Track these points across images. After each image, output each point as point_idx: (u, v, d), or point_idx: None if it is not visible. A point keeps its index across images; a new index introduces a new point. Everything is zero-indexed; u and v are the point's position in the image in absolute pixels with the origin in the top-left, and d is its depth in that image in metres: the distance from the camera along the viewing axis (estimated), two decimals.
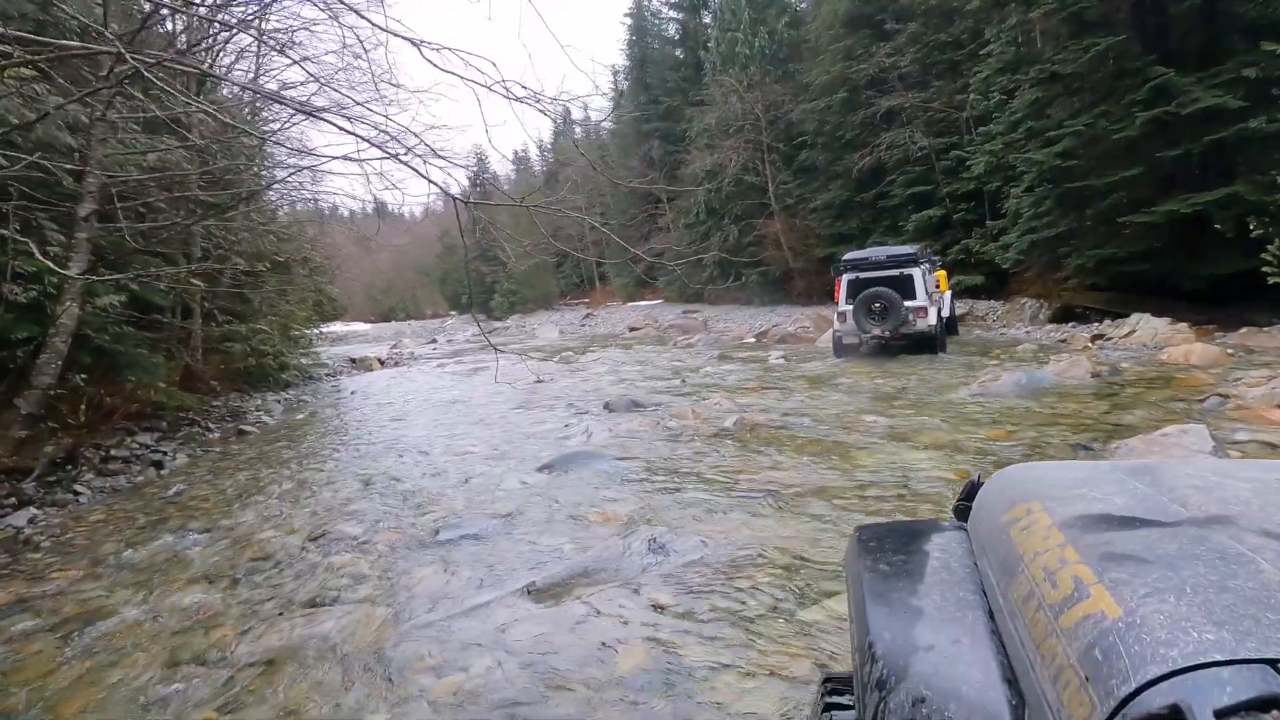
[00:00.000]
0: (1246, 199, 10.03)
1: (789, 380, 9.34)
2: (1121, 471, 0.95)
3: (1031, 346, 10.07)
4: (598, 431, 6.81)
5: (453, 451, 6.63)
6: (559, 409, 8.54)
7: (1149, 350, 9.10)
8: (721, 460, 5.42)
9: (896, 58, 19.58)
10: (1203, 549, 0.69)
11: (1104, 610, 0.63)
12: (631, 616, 2.88)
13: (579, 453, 5.88)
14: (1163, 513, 0.80)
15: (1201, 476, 0.90)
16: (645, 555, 3.43)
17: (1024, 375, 7.23)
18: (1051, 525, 0.82)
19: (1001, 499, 0.98)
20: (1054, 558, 0.75)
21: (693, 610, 2.89)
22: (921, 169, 19.72)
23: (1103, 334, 10.38)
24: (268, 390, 13.33)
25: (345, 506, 5.03)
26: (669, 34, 39.78)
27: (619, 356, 14.98)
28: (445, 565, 3.68)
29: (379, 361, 18.93)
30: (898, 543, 1.12)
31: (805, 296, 24.32)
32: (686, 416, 7.09)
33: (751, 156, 25.75)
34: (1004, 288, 17.77)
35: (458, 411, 9.21)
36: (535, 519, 4.34)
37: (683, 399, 8.50)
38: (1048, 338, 10.92)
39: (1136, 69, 11.07)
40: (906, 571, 1.03)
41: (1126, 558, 0.69)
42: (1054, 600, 0.70)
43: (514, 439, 6.97)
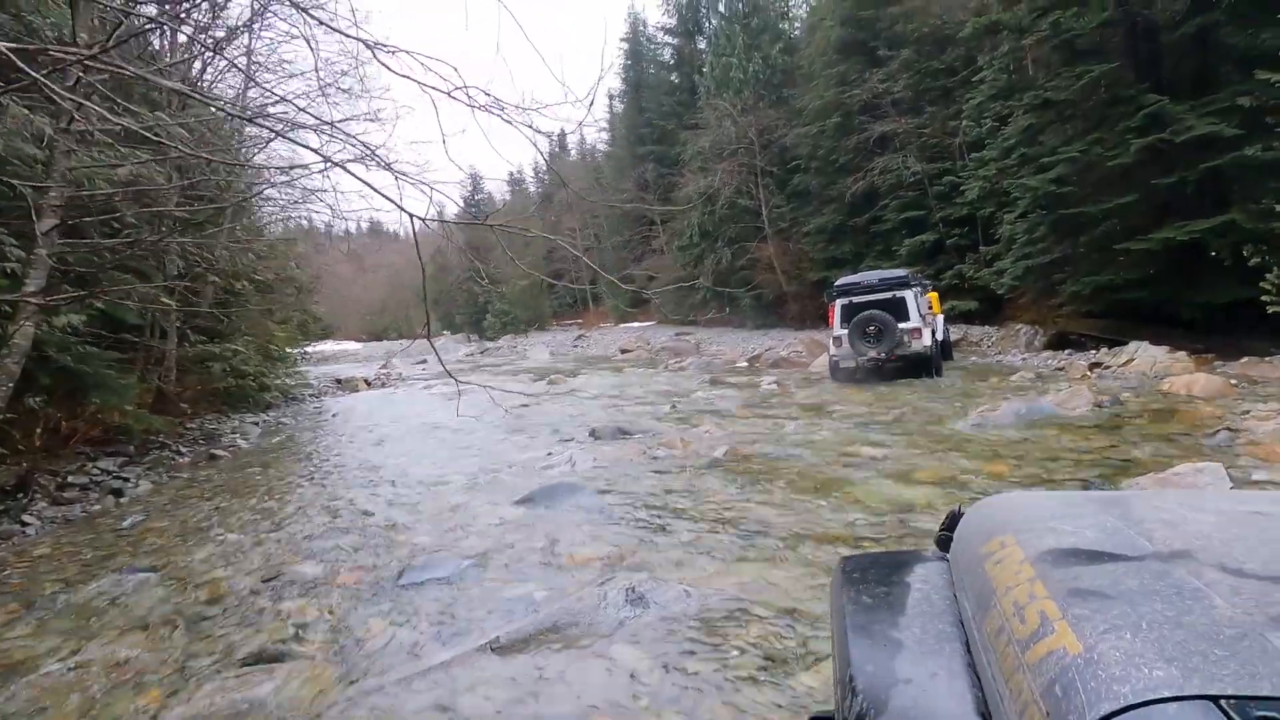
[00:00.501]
0: (1243, 227, 9.93)
1: (782, 407, 9.08)
2: (1095, 503, 0.96)
3: (1029, 374, 9.86)
4: (582, 460, 6.52)
5: (429, 481, 6.31)
6: (544, 435, 8.25)
7: (1149, 380, 8.90)
8: (710, 495, 5.14)
9: (890, 83, 19.66)
10: (1162, 584, 0.70)
11: (1066, 646, 0.64)
12: (602, 681, 2.58)
13: (560, 484, 5.58)
14: (1129, 547, 0.80)
15: (1170, 509, 0.91)
16: (622, 607, 3.13)
17: (1023, 405, 6.99)
18: (1024, 559, 0.82)
19: (980, 531, 0.99)
20: (1024, 592, 0.76)
21: (672, 675, 2.60)
22: (915, 194, 19.71)
23: (1100, 362, 10.19)
24: (247, 412, 12.98)
25: (308, 542, 4.71)
26: (664, 59, 40.14)
27: (609, 380, 14.71)
28: (405, 614, 3.37)
29: (365, 382, 18.59)
30: (881, 574, 1.13)
31: (798, 320, 24.19)
32: (675, 445, 6.81)
33: (745, 180, 25.76)
34: (998, 313, 17.66)
35: (440, 437, 8.90)
36: (508, 560, 4.03)
37: (672, 426, 8.23)
38: (1044, 365, 10.73)
39: (1130, 96, 11.04)
40: (888, 604, 1.03)
41: (1091, 593, 0.70)
42: (1022, 635, 0.71)
43: (495, 468, 6.67)
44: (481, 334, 46.31)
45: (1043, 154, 12.38)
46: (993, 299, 17.56)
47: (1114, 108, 11.30)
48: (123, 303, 7.26)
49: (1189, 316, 11.36)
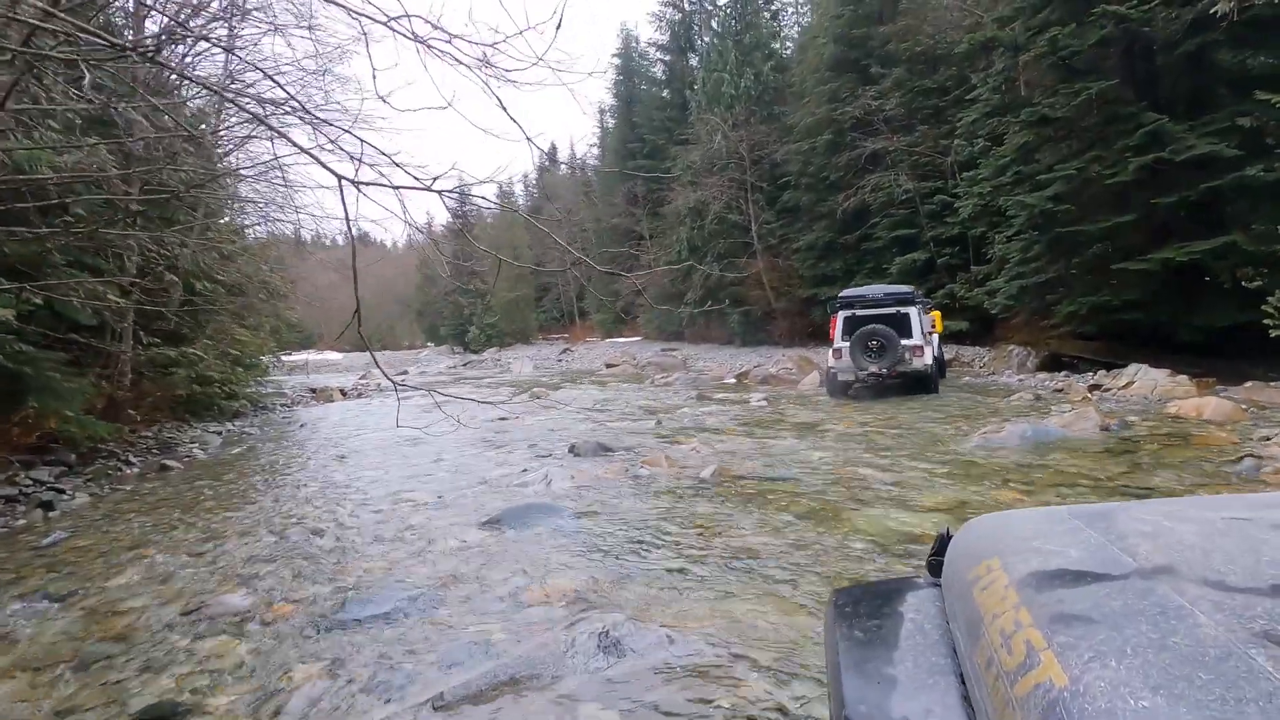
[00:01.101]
0: (1244, 249, 9.72)
1: (772, 425, 8.66)
2: (1079, 519, 0.93)
3: (1027, 396, 9.52)
4: (558, 479, 6.04)
5: (392, 498, 5.80)
6: (520, 450, 7.76)
7: (1150, 403, 8.59)
8: (695, 520, 4.68)
9: (882, 101, 19.53)
10: (1145, 604, 0.68)
11: (1052, 678, 0.62)
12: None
13: (532, 505, 5.10)
14: (1112, 564, 0.78)
15: (1152, 521, 0.89)
16: (593, 655, 2.66)
17: (1029, 427, 6.62)
18: (1008, 584, 0.81)
19: (967, 554, 0.97)
20: (1009, 620, 0.75)
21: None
22: (906, 212, 19.53)
23: (1100, 384, 9.88)
24: (212, 420, 12.37)
25: (245, 566, 4.19)
26: (656, 75, 40.14)
27: (593, 394, 14.24)
28: (339, 659, 2.87)
29: (340, 392, 17.98)
30: (873, 606, 1.10)
31: (787, 338, 23.88)
32: (659, 464, 6.35)
33: (735, 195, 25.55)
34: (989, 334, 17.42)
35: (411, 450, 8.38)
36: (465, 593, 3.54)
37: (656, 443, 7.77)
38: (1043, 387, 10.41)
39: (1129, 114, 10.85)
40: (881, 637, 1.00)
41: (1075, 618, 0.69)
42: (1010, 668, 0.69)
43: (465, 485, 6.17)
44: (466, 346, 45.66)
45: (1039, 171, 12.18)
46: (984, 319, 17.33)
47: (1112, 125, 11.12)
48: (67, 299, 6.72)
49: (1187, 339, 11.12)
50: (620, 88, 42.48)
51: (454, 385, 19.84)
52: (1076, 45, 11.28)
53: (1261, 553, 0.75)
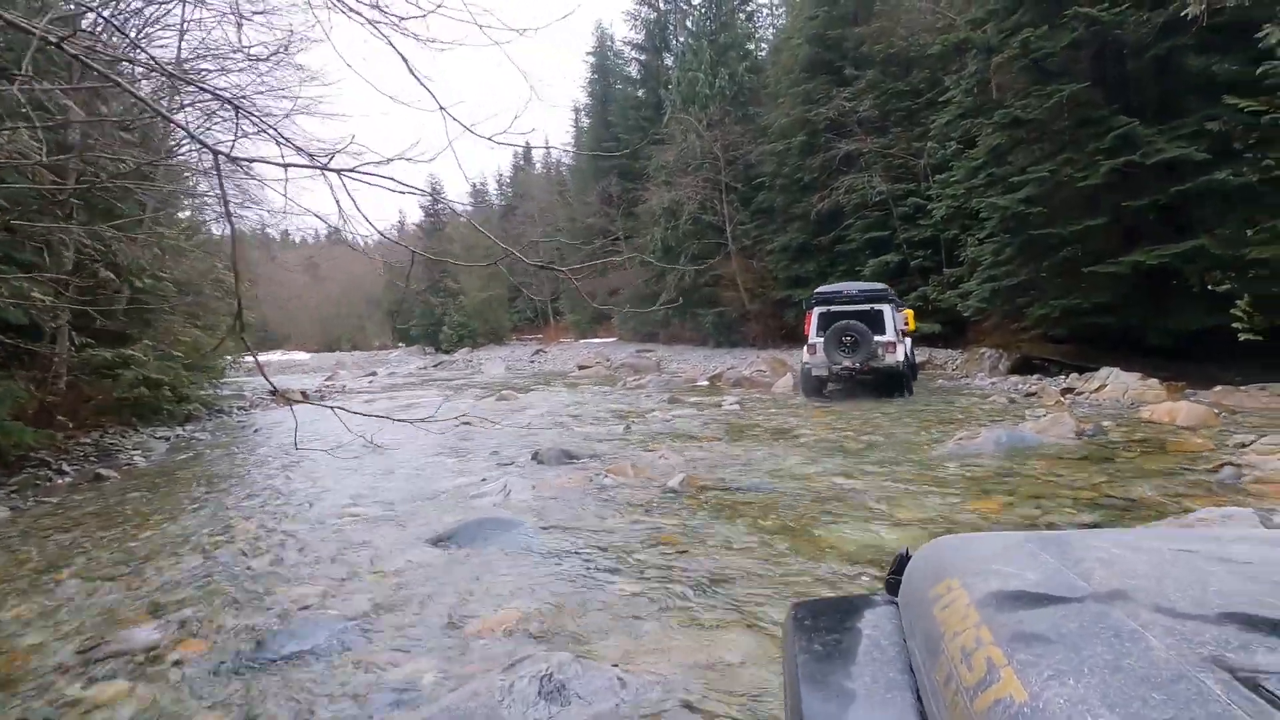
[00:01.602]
0: (1212, 253, 9.73)
1: (745, 430, 8.42)
2: (1034, 543, 0.96)
3: (1001, 399, 9.42)
4: (519, 489, 5.71)
5: (340, 512, 5.43)
6: (482, 458, 7.41)
7: (1123, 407, 8.52)
8: (660, 536, 4.39)
9: (856, 102, 19.49)
10: (1101, 627, 0.70)
11: (1012, 694, 0.63)
12: None
13: (487, 519, 4.77)
14: (1069, 588, 0.80)
15: (1105, 549, 0.91)
16: (533, 703, 2.35)
17: (1004, 433, 6.45)
18: (969, 603, 0.81)
19: (927, 574, 0.98)
20: (970, 638, 0.75)
21: None
22: (879, 214, 19.51)
23: (1072, 388, 9.82)
24: (161, 425, 11.78)
25: (163, 593, 3.81)
26: (631, 74, 39.87)
27: (563, 397, 13.90)
28: (247, 707, 2.53)
29: (302, 394, 17.35)
30: (832, 620, 1.10)
31: (761, 339, 23.76)
32: (625, 473, 6.05)
33: (710, 196, 25.37)
34: (961, 336, 17.45)
35: (367, 458, 7.97)
36: (403, 623, 3.21)
37: (624, 449, 7.48)
38: (1015, 390, 10.33)
39: (1100, 117, 10.84)
40: (840, 651, 1.00)
41: (1034, 638, 0.70)
42: (970, 683, 0.70)
43: (419, 496, 5.82)
44: (438, 347, 44.92)
45: (1011, 173, 12.14)
46: (956, 322, 17.35)
47: (1083, 128, 11.10)
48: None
49: (1156, 343, 11.15)
50: (595, 86, 42.17)
51: (422, 388, 19.35)
52: (1049, 47, 11.25)
53: (1208, 583, 0.78)
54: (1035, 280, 12.74)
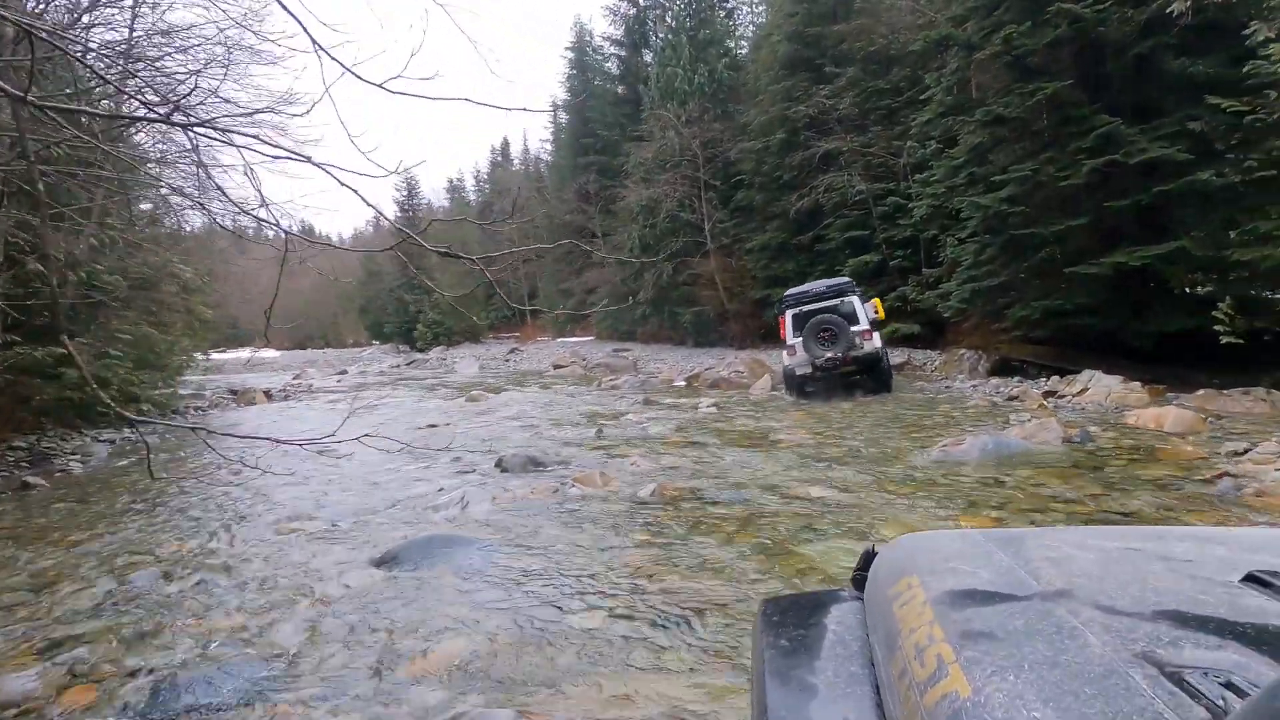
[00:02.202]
0: (1193, 254, 9.59)
1: (721, 434, 8.08)
2: (993, 542, 0.98)
3: (983, 404, 9.20)
4: (477, 500, 5.31)
5: (281, 526, 4.99)
6: (443, 464, 6.98)
7: (1107, 411, 8.33)
8: (627, 554, 4.03)
9: (835, 100, 19.27)
10: (1044, 624, 0.72)
11: (958, 690, 0.65)
12: None
13: (438, 536, 4.36)
14: (1019, 586, 0.82)
15: (1057, 548, 0.94)
16: None
17: (990, 439, 6.18)
18: (925, 601, 0.84)
19: (890, 571, 1.00)
20: (924, 634, 0.78)
21: None
22: (859, 213, 19.31)
23: (1054, 391, 9.64)
24: (108, 427, 11.17)
25: (61, 626, 3.36)
26: (610, 70, 39.42)
27: (535, 397, 13.47)
28: None
29: (265, 395, 16.73)
30: (799, 616, 1.11)
31: (739, 340, 23.49)
32: (593, 482, 5.68)
33: (688, 193, 25.04)
34: (941, 338, 17.30)
35: (320, 464, 7.51)
36: (328, 665, 2.81)
37: (594, 455, 7.10)
38: (997, 393, 10.13)
39: (1082, 116, 10.67)
40: (805, 646, 1.02)
41: (982, 635, 0.72)
42: (921, 678, 0.72)
43: (370, 508, 5.39)
44: (412, 345, 44.07)
45: (992, 173, 11.93)
46: (935, 323, 17.19)
47: (1065, 127, 10.93)
48: None
49: (1137, 345, 11.01)
50: (574, 82, 41.62)
51: (391, 387, 18.78)
52: (1030, 44, 11.06)
53: (1147, 581, 0.81)
54: (1015, 281, 12.57)
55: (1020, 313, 11.74)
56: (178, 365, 14.42)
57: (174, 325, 13.99)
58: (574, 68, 41.45)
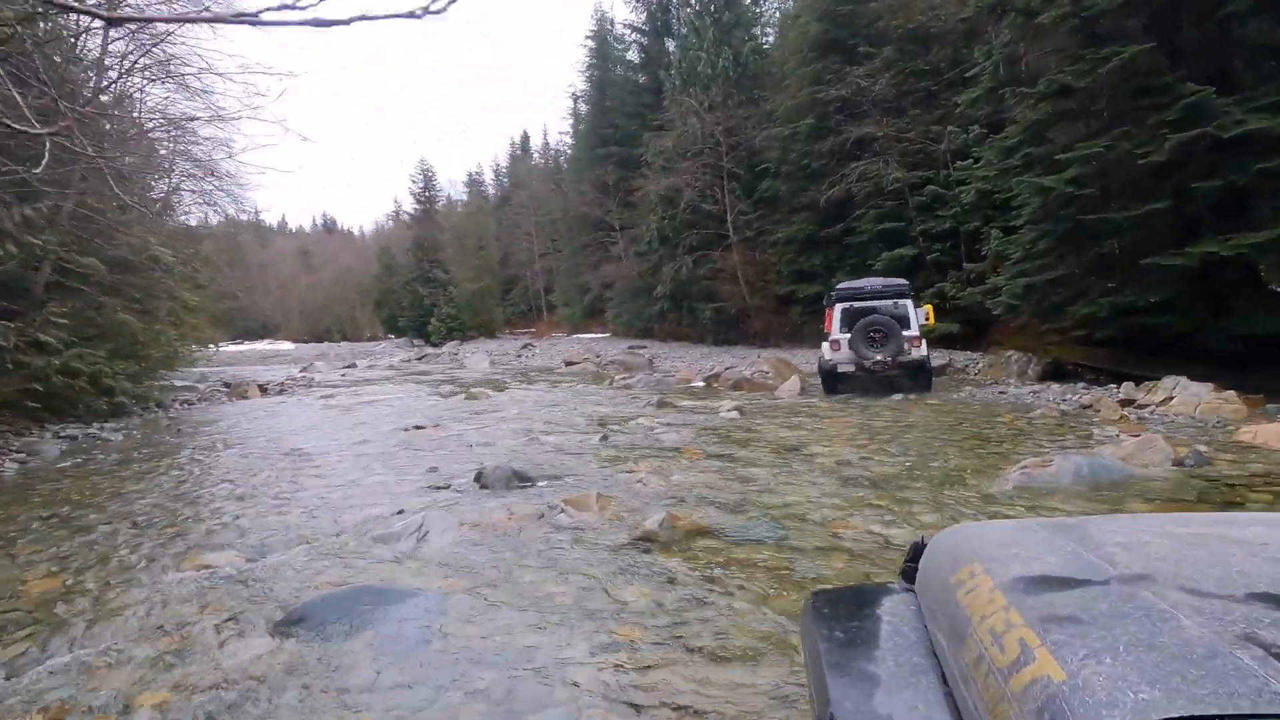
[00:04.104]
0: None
1: (745, 444, 6.92)
2: (1048, 529, 0.97)
3: (1050, 413, 7.92)
4: (440, 529, 4.21)
5: (187, 560, 3.93)
6: (416, 474, 5.91)
7: (1203, 425, 7.03)
8: (621, 622, 2.91)
9: (870, 81, 17.92)
10: (1130, 607, 0.71)
11: (1049, 674, 0.65)
12: None
13: (367, 588, 3.27)
14: (1093, 571, 0.81)
15: (1125, 533, 0.92)
16: None
17: (1084, 461, 4.96)
18: (994, 587, 0.83)
19: (946, 561, 0.99)
20: (999, 620, 0.77)
21: None
22: (894, 204, 17.99)
23: (1132, 400, 8.33)
24: (76, 421, 10.29)
25: None
26: (631, 58, 38.27)
27: (541, 397, 12.39)
28: None
29: (260, 388, 15.85)
30: (851, 608, 1.11)
31: (762, 338, 22.26)
32: (588, 507, 4.56)
33: (710, 183, 23.81)
34: (983, 338, 15.96)
35: (281, 470, 6.48)
36: None
37: (596, 468, 5.98)
38: (1064, 401, 8.83)
39: (1164, 85, 9.32)
40: (861, 638, 1.02)
41: (1065, 619, 0.71)
42: (1003, 664, 0.71)
43: (305, 535, 4.32)
44: (427, 339, 43.32)
45: (1053, 152, 10.60)
46: (977, 322, 15.86)
47: (1142, 98, 9.58)
48: None
49: (1216, 348, 9.65)
50: (594, 72, 40.57)
51: (394, 383, 17.82)
52: (1102, 4, 9.72)
53: (1230, 564, 0.79)
54: (1075, 275, 11.25)
55: (1084, 310, 10.42)
56: (163, 356, 13.54)
57: (158, 312, 13.11)
58: (594, 57, 40.39)
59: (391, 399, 13.03)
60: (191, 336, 15.76)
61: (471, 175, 70.68)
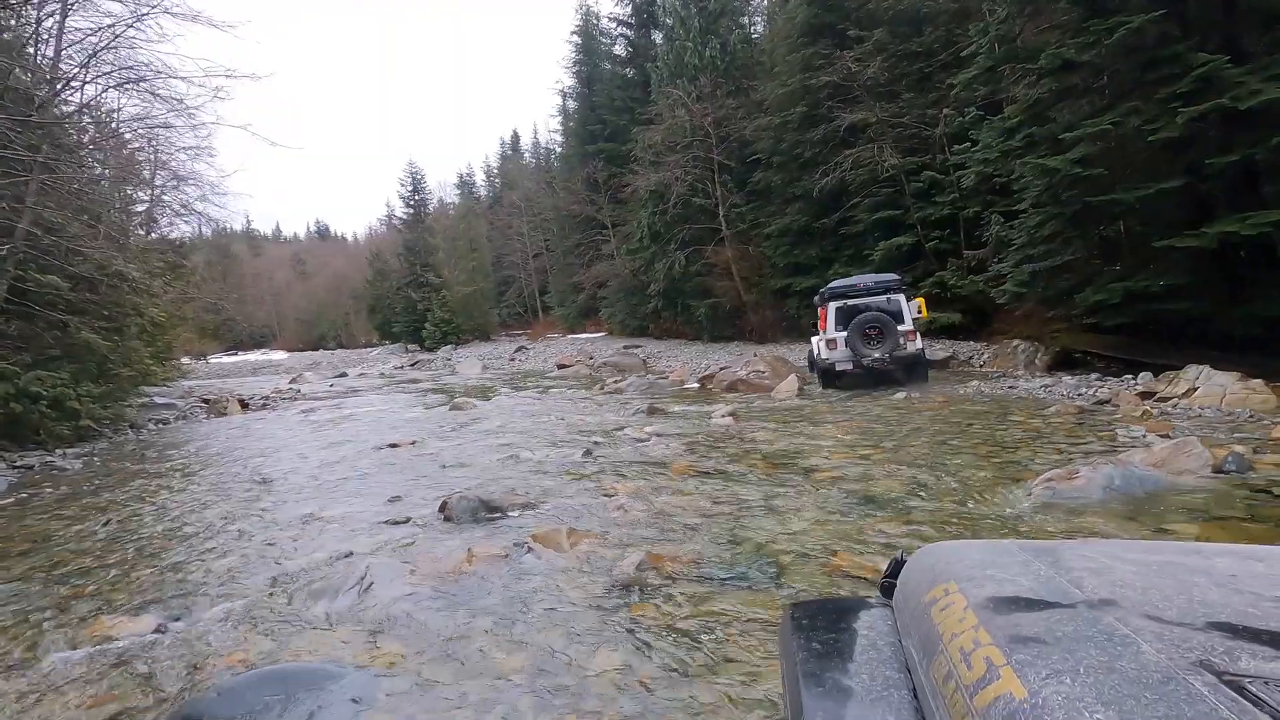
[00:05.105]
0: None
1: (738, 458, 6.39)
2: (1027, 552, 0.99)
3: (1067, 410, 7.39)
4: (386, 578, 3.68)
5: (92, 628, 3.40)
6: (377, 505, 5.38)
7: (1233, 419, 6.51)
8: (584, 696, 2.39)
9: (862, 65, 17.33)
10: (1094, 631, 0.73)
11: (1012, 691, 0.67)
12: None
13: (277, 672, 2.73)
14: (1062, 594, 0.84)
15: (1095, 559, 0.95)
16: None
17: (1115, 472, 4.43)
18: (967, 606, 0.85)
19: (923, 578, 1.01)
20: (969, 639, 0.79)
21: None
22: (890, 191, 17.42)
23: (1151, 392, 7.80)
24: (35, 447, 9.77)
25: None
26: (618, 52, 37.62)
27: (528, 405, 11.87)
28: None
29: (241, 404, 15.33)
30: (828, 621, 1.14)
31: (759, 334, 21.72)
32: (559, 544, 4.04)
33: (700, 176, 23.25)
34: (985, 327, 15.42)
35: (236, 503, 5.96)
36: None
37: (574, 490, 5.46)
38: (1078, 395, 8.30)
39: (1174, 56, 8.77)
40: (837, 650, 1.03)
41: (1031, 640, 0.73)
42: (969, 681, 0.73)
43: (235, 590, 3.80)
44: (421, 344, 42.75)
45: (1056, 132, 10.07)
46: (978, 311, 15.32)
47: (1151, 71, 9.04)
48: None
49: (1234, 333, 9.12)
50: (581, 67, 39.92)
51: (381, 392, 17.29)
52: None
53: (1194, 594, 0.82)
54: (1082, 259, 10.72)
55: (1095, 297, 9.89)
56: (135, 375, 13.01)
57: (128, 330, 12.58)
58: (580, 52, 39.74)
59: (374, 412, 12.52)
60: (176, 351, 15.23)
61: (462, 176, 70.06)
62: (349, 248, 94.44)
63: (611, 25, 37.59)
